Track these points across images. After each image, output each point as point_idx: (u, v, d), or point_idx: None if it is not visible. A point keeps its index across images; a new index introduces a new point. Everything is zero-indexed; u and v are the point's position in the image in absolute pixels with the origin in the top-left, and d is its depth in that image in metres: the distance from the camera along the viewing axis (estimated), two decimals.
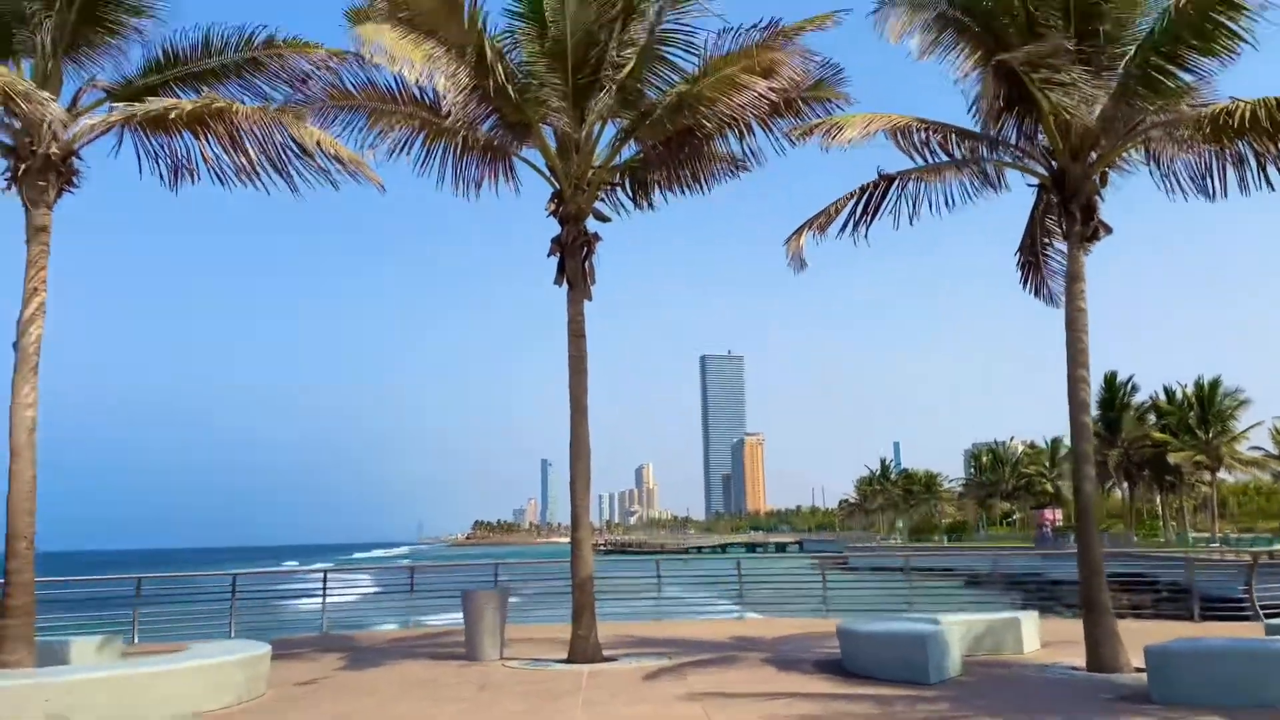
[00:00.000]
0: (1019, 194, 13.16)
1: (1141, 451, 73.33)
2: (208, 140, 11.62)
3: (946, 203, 12.98)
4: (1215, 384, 71.40)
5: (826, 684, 10.48)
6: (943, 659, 10.47)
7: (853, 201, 12.74)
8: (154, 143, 12.00)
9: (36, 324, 11.13)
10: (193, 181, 12.27)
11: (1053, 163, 12.05)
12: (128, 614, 17.89)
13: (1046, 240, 13.31)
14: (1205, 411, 70.66)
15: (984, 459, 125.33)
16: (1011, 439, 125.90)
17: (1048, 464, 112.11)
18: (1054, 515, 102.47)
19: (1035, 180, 12.53)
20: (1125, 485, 78.24)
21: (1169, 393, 75.84)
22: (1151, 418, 76.41)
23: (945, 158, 12.83)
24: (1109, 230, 11.85)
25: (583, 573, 12.97)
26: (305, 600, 20.89)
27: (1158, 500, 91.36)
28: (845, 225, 12.84)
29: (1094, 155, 11.85)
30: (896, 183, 12.68)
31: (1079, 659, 11.33)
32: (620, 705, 9.54)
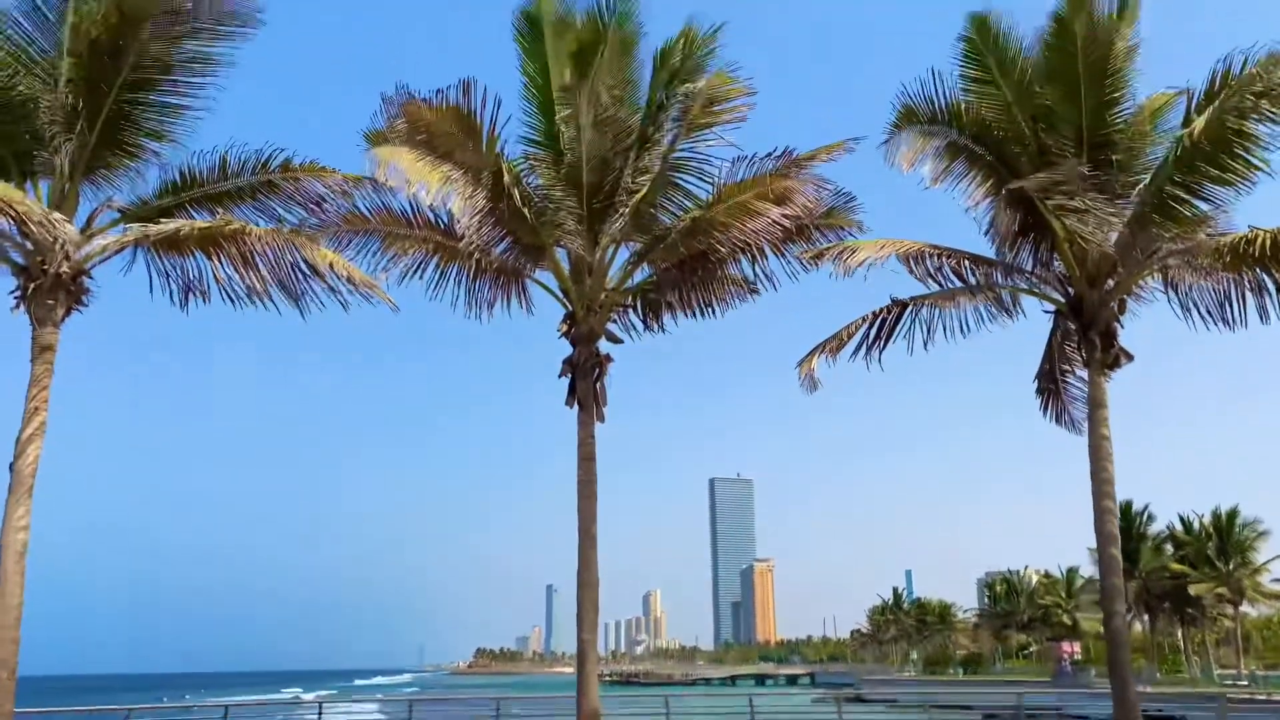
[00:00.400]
0: (1035, 320, 13.05)
1: (1161, 583, 71.44)
2: (220, 261, 11.62)
3: (961, 328, 12.86)
4: (1233, 514, 70.00)
5: None
6: None
7: (865, 326, 12.63)
8: (166, 262, 12.00)
9: (35, 444, 10.89)
10: (204, 301, 12.22)
11: (1069, 289, 11.96)
12: None
13: (1066, 367, 13.12)
14: (1224, 542, 69.08)
15: (998, 588, 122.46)
16: (1026, 568, 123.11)
17: (1064, 594, 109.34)
18: (1072, 648, 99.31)
19: (1051, 306, 12.43)
20: (1145, 618, 75.96)
21: (1186, 523, 74.38)
22: (1169, 548, 74.74)
23: (959, 283, 12.77)
24: (1130, 358, 11.66)
25: (588, 709, 12.35)
26: None
27: (1179, 634, 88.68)
28: (858, 349, 12.69)
29: (1111, 282, 11.77)
30: (910, 308, 12.58)
31: None
32: None
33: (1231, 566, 68.40)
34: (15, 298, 11.20)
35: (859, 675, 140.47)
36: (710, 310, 14.33)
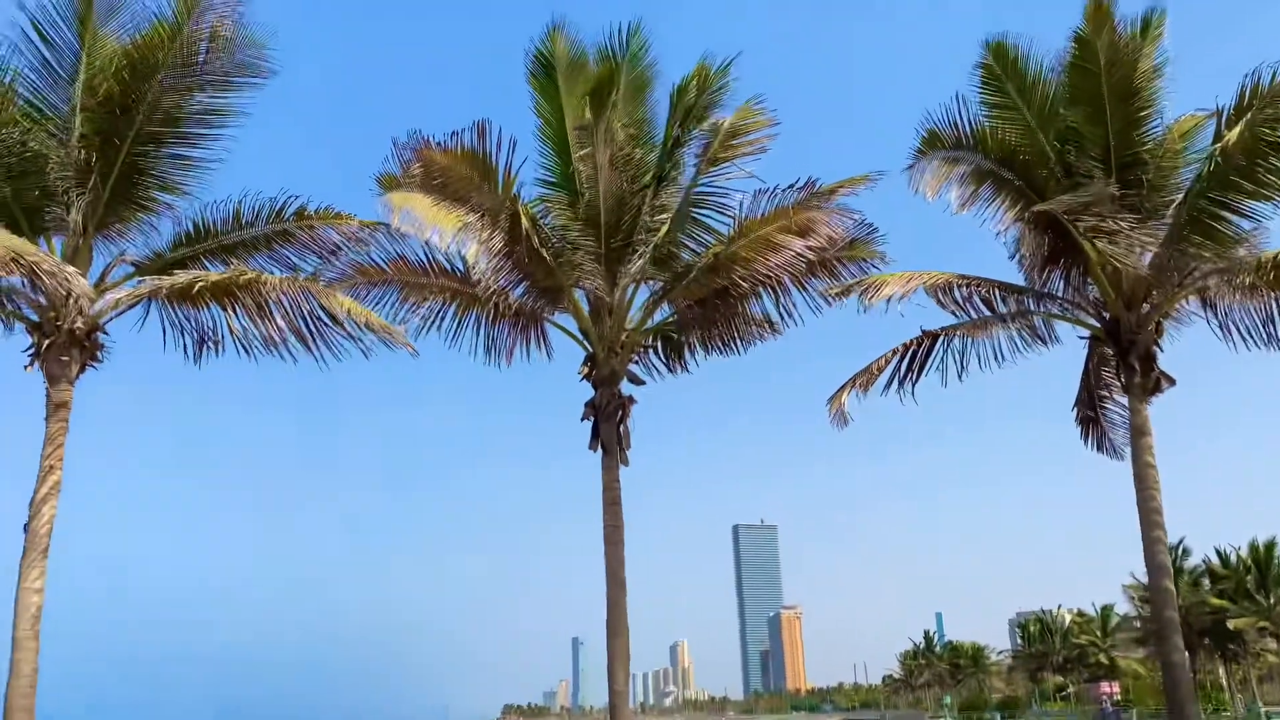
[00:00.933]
0: (1070, 346, 12.68)
1: (1201, 619, 69.70)
2: (235, 312, 11.43)
3: (996, 357, 12.50)
4: (1271, 545, 68.30)
5: None
6: None
7: (896, 359, 12.29)
8: (180, 315, 11.84)
9: (50, 504, 10.66)
10: (217, 354, 12.03)
11: (1105, 313, 11.61)
12: None
13: (1104, 393, 12.74)
14: (1264, 575, 67.40)
15: (1031, 629, 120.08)
16: (1059, 607, 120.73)
17: (1099, 633, 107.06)
18: (1111, 688, 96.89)
19: (1087, 332, 12.07)
20: (1185, 654, 74.10)
21: (1223, 556, 72.68)
22: (1206, 582, 73.02)
23: (989, 313, 12.44)
24: (1171, 382, 11.28)
25: None
26: None
27: (1220, 671, 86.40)
28: (890, 383, 12.34)
29: (1148, 305, 11.41)
30: (941, 339, 12.24)
31: None
32: None
33: (1272, 600, 66.75)
34: (29, 355, 11.05)
35: None
36: (732, 348, 14.03)
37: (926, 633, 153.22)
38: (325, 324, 11.50)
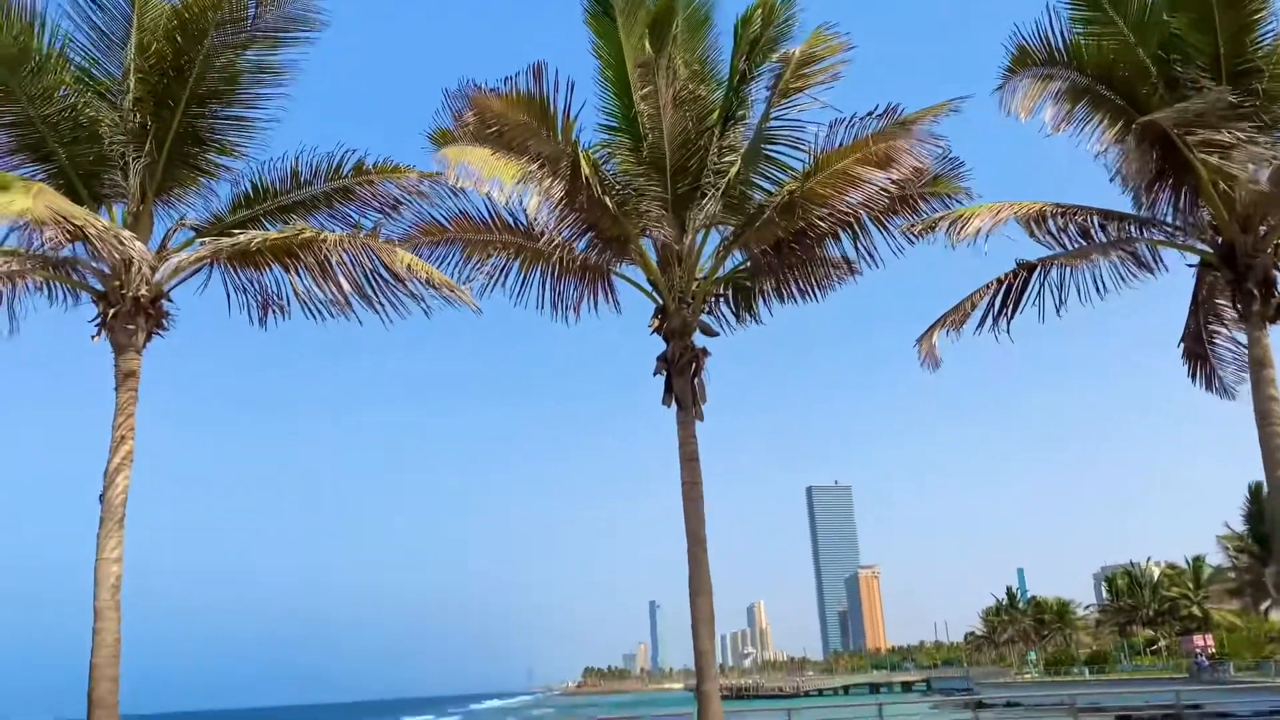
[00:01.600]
0: (1177, 275, 11.77)
1: None
2: (298, 272, 11.18)
3: (1097, 289, 11.63)
4: None
5: None
6: None
7: (990, 294, 11.53)
8: (242, 278, 11.63)
9: (124, 473, 10.57)
10: (283, 316, 11.80)
11: (1218, 236, 10.70)
12: None
13: (1215, 326, 11.84)
14: None
15: (1119, 582, 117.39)
16: (1148, 560, 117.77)
17: (1191, 585, 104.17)
18: (1205, 641, 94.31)
19: (1196, 258, 11.17)
20: None
21: None
22: None
23: (1086, 243, 11.59)
24: None
25: None
26: None
27: None
28: (983, 320, 11.60)
29: (1266, 226, 10.47)
30: (1038, 270, 11.43)
31: None
32: None
33: None
34: (96, 325, 10.94)
35: (975, 679, 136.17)
36: (809, 294, 13.39)
37: (1009, 589, 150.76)
38: (388, 282, 11.18)
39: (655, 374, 12.48)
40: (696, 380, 12.46)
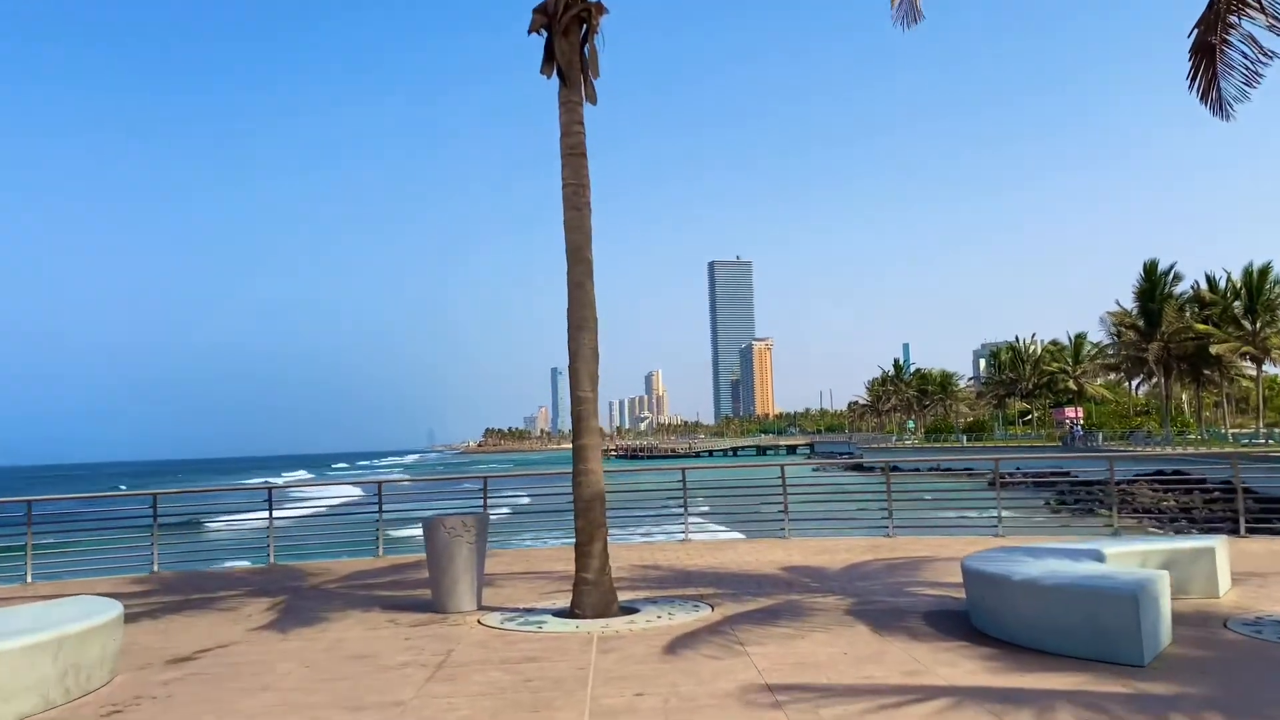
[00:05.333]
0: None
1: (1183, 345, 69.22)
2: None
3: None
4: (1265, 270, 66.61)
5: (968, 662, 6.71)
6: (1156, 625, 6.67)
7: None
8: None
9: None
10: None
11: None
12: (21, 542, 14.33)
13: (1235, 14, 9.10)
14: (1253, 300, 66.17)
15: (1003, 357, 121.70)
16: (1033, 336, 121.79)
17: (1070, 361, 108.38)
18: (1076, 413, 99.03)
19: None
20: (1162, 381, 74.30)
21: (1212, 281, 71.32)
22: (1195, 309, 71.97)
23: None
24: None
25: (590, 490, 9.18)
26: (256, 521, 17.21)
27: (1183, 397, 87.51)
28: None
29: None
30: None
31: None
32: (653, 712, 5.75)
33: (1259, 325, 65.89)
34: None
35: (857, 444, 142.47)
36: None
37: (896, 361, 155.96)
38: None
39: (530, 31, 9.26)
40: (587, 46, 9.33)
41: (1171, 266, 73.02)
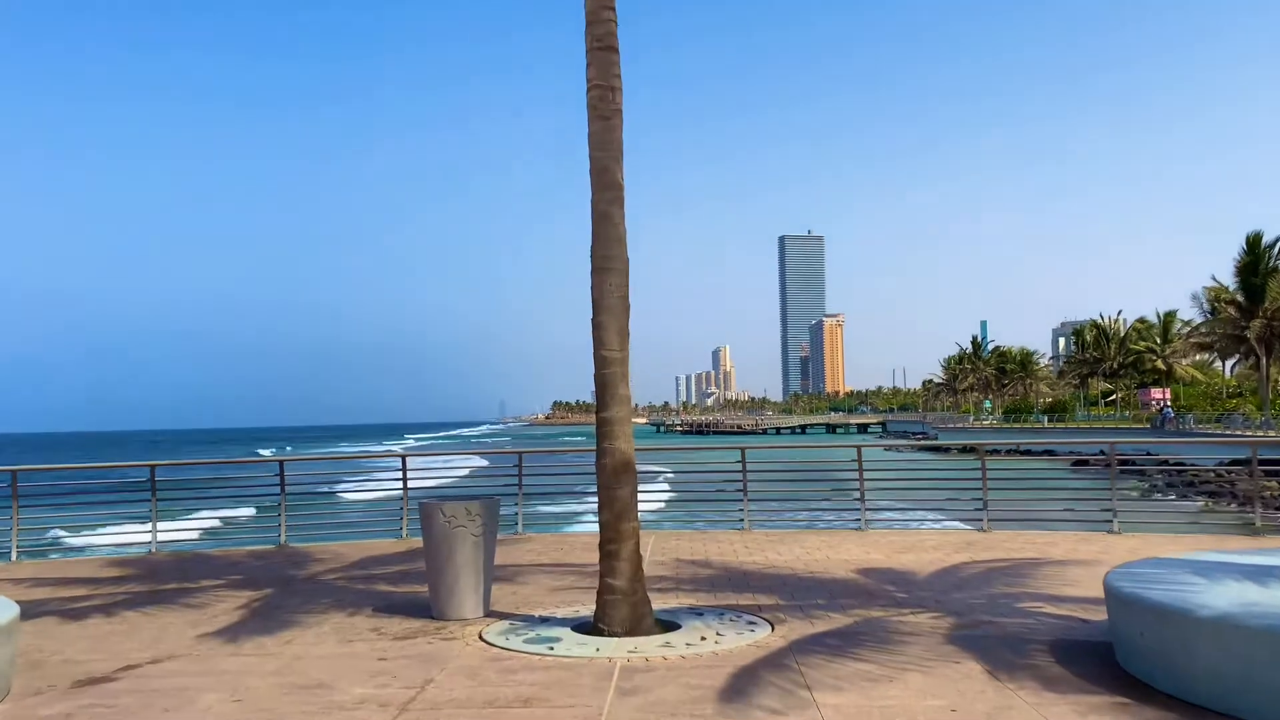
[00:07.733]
0: None
1: None
2: None
3: None
4: None
5: None
6: None
7: None
8: None
9: None
10: None
11: None
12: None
13: None
14: None
15: (1087, 335, 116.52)
16: (1119, 313, 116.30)
17: (1158, 340, 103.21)
18: (1163, 394, 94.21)
19: None
20: (1263, 361, 69.60)
21: None
22: None
23: None
24: None
25: (617, 476, 7.28)
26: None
27: None
28: None
29: None
30: None
31: None
32: None
33: None
34: None
35: (932, 424, 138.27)
36: None
37: (974, 338, 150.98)
38: None
39: None
40: None
41: (1277, 240, 68.21)
